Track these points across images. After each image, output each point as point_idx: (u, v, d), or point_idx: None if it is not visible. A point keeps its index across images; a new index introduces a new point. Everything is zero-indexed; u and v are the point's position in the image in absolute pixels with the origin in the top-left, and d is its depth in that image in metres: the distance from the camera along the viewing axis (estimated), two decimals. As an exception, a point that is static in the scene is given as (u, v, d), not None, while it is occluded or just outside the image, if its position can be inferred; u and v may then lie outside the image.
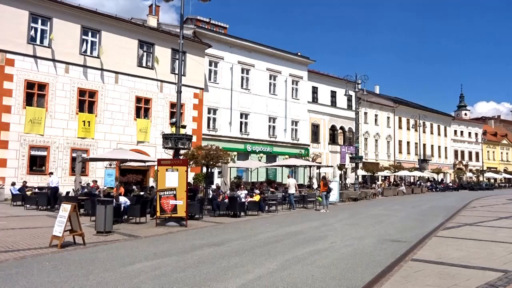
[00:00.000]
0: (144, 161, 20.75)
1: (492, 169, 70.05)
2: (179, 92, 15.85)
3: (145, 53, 27.03)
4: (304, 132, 38.75)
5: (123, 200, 14.84)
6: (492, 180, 65.35)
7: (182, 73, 22.90)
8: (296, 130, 37.98)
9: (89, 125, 24.12)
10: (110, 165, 23.99)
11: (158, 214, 13.88)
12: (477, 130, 72.92)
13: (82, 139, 23.92)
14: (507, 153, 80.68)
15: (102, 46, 24.73)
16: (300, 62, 38.77)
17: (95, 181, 21.75)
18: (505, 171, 71.56)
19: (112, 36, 25.27)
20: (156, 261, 8.16)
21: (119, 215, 14.07)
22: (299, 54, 39.12)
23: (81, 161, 21.06)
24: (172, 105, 26.89)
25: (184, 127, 17.50)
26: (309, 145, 38.73)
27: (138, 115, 26.31)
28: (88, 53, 24.57)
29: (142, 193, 19.93)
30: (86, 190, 19.82)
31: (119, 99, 25.41)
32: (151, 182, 24.67)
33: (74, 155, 23.24)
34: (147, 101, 26.77)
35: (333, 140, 42.64)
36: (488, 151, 74.80)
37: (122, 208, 14.41)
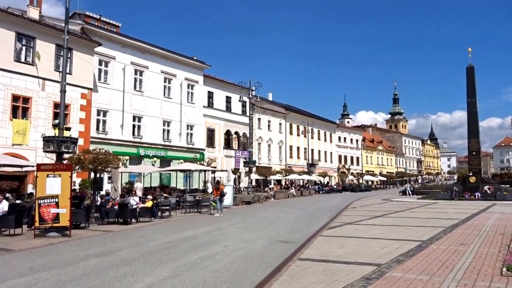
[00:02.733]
0: (21, 166, 18.74)
1: (370, 172, 77.51)
2: (63, 91, 14.68)
3: (24, 47, 24.45)
4: (200, 136, 38.60)
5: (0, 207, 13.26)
6: (370, 182, 72.16)
7: (68, 71, 21.33)
8: (191, 134, 37.66)
9: (-48, 125, 21.03)
10: (-21, 170, 21.18)
11: (37, 224, 12.64)
12: (358, 137, 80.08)
13: None
14: (382, 158, 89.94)
15: (-29, 36, 21.80)
16: (195, 66, 38.60)
17: (-42, 189, 18.98)
18: (381, 174, 79.74)
19: (-16, 26, 22.43)
20: (33, 277, 7.39)
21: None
22: (195, 58, 38.93)
23: None
24: (56, 105, 24.69)
25: (68, 129, 16.25)
26: (204, 150, 38.67)
27: (15, 115, 23.65)
28: (-47, 42, 21.46)
29: (18, 201, 17.95)
30: None
31: (-9, 97, 22.61)
32: (30, 189, 22.33)
33: None
34: (26, 100, 24.24)
35: (228, 144, 43.18)
36: (366, 156, 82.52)
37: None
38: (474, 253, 8.83)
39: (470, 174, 33.41)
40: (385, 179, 77.45)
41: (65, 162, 15.10)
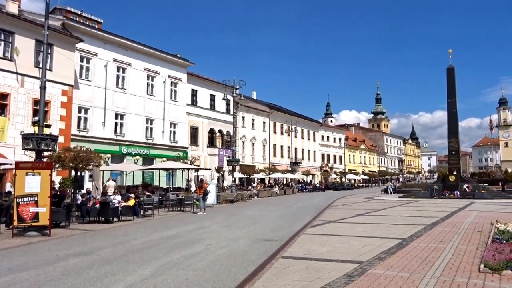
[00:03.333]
0: (-1, 164, 18.32)
1: (352, 171, 78.25)
2: (43, 88, 14.40)
3: (2, 43, 23.90)
4: (183, 134, 38.36)
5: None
6: (353, 181, 72.87)
7: (48, 68, 20.88)
8: (174, 132, 37.39)
9: None
10: (-45, 168, 20.63)
11: (15, 223, 12.38)
12: (341, 136, 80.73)
13: None
14: (364, 157, 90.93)
15: None
16: (179, 64, 38.30)
17: None
18: (363, 173, 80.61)
19: (-40, 20, 21.84)
20: (11, 277, 7.24)
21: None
22: (178, 55, 38.65)
23: None
24: (36, 102, 24.20)
25: (48, 126, 15.93)
26: (187, 148, 38.46)
27: (-8, 112, 23.15)
28: None
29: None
30: None
31: (-32, 93, 22.04)
32: (9, 188, 21.85)
33: None
34: (5, 96, 23.70)
35: (211, 143, 43.02)
36: (349, 155, 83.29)
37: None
38: (453, 250, 8.99)
39: (454, 173, 33.86)
40: (367, 177, 78.33)
41: (44, 160, 14.84)
